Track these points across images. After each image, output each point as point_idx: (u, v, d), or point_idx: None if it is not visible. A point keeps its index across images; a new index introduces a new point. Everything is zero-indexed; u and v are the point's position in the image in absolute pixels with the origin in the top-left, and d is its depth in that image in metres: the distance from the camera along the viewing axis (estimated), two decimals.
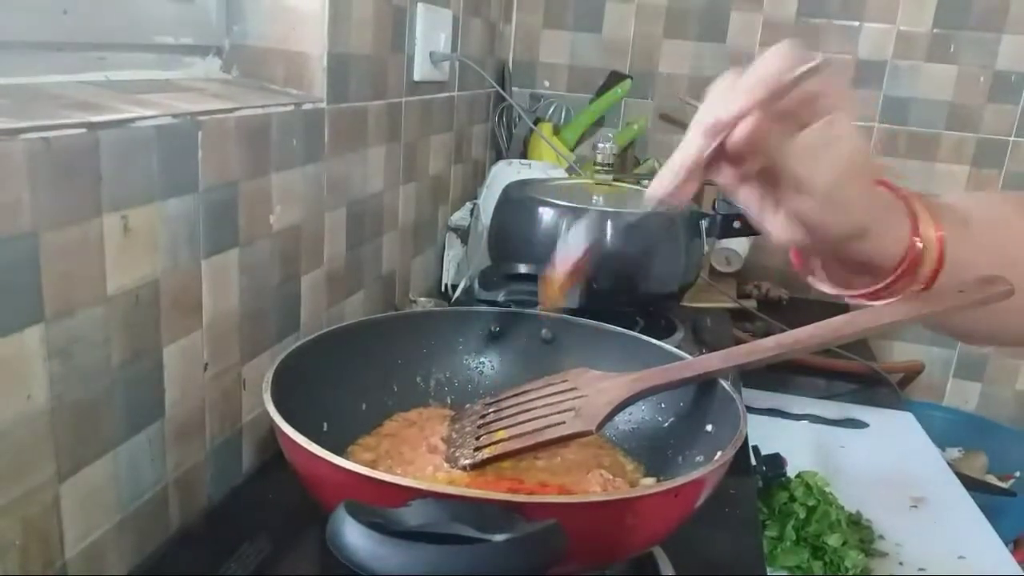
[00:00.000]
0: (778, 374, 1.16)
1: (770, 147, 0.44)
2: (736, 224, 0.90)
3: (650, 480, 0.60)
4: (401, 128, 0.99)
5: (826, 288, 0.55)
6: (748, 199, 0.48)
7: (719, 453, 0.48)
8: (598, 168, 0.99)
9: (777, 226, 0.47)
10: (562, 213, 0.87)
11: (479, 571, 0.36)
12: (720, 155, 0.45)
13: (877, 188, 0.49)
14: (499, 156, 1.44)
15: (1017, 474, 1.34)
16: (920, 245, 0.49)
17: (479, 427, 0.58)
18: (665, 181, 0.47)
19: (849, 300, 0.55)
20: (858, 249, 0.49)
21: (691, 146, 0.46)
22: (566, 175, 1.18)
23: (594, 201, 0.93)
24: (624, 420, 0.65)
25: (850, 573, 0.78)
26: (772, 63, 0.43)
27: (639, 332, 0.69)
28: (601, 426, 0.54)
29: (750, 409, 0.57)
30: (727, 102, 0.44)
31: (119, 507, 0.56)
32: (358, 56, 0.83)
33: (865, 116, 1.46)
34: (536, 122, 1.41)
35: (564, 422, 0.54)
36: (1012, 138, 1.42)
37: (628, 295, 0.89)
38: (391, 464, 0.57)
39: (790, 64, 0.42)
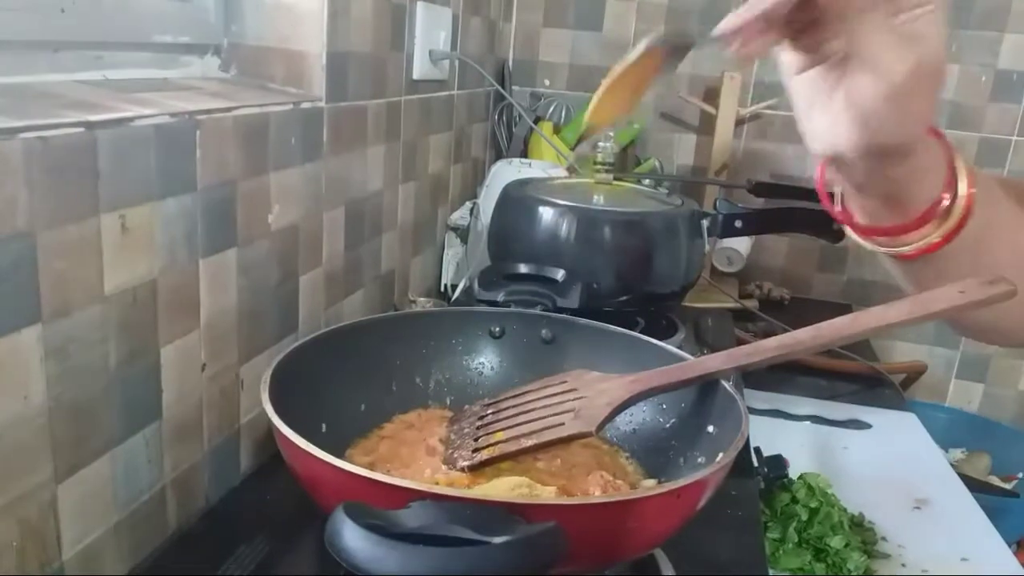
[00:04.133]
0: (780, 375, 1.16)
1: (862, 21, 0.41)
2: (738, 223, 0.90)
3: (651, 481, 0.60)
4: (400, 127, 0.98)
5: (841, 215, 0.53)
6: (800, 87, 0.45)
7: (721, 454, 0.48)
8: (598, 167, 0.98)
9: (824, 124, 0.44)
10: (562, 213, 0.87)
11: (478, 573, 0.36)
12: (798, 22, 0.42)
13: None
14: (499, 155, 1.44)
15: (1020, 475, 1.34)
16: (949, 198, 0.49)
17: (478, 428, 0.58)
18: (740, 19, 0.42)
19: (861, 238, 0.53)
20: (894, 172, 0.47)
21: None
22: (566, 174, 1.18)
23: (595, 200, 0.92)
24: (625, 421, 0.64)
25: (852, 575, 0.78)
26: None
27: (640, 332, 0.69)
28: (601, 427, 0.54)
29: (752, 410, 0.57)
30: None
31: (116, 508, 0.56)
32: (357, 55, 0.83)
33: None
34: (536, 121, 1.41)
35: (563, 423, 0.54)
36: (1014, 137, 1.42)
37: (629, 295, 0.88)
38: (389, 467, 0.57)
39: None
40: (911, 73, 0.42)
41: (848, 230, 0.54)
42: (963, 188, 0.49)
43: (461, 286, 1.09)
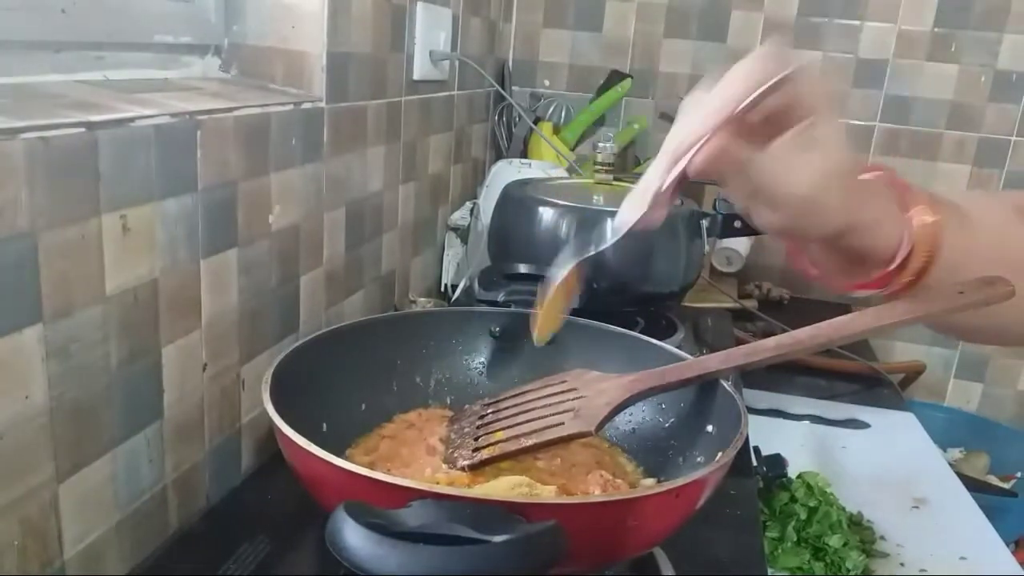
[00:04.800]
0: (779, 374, 1.16)
1: (738, 163, 0.43)
2: (737, 223, 0.90)
3: (651, 481, 0.60)
4: (400, 127, 0.98)
5: (818, 278, 0.54)
6: (734, 194, 0.47)
7: (720, 454, 0.48)
8: (598, 168, 0.98)
9: (764, 221, 0.47)
10: (562, 213, 0.87)
11: (478, 572, 0.36)
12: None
13: (864, 182, 0.48)
14: (499, 155, 1.44)
15: (1018, 475, 1.34)
16: (910, 238, 0.48)
17: (478, 428, 0.58)
18: (633, 210, 0.47)
19: (843, 291, 0.54)
20: (846, 244, 0.48)
21: (655, 173, 0.45)
22: (566, 175, 1.18)
23: (594, 201, 0.93)
24: (624, 421, 0.65)
25: (851, 574, 0.78)
26: (736, 82, 0.42)
27: (640, 332, 0.69)
28: (600, 427, 0.54)
29: (751, 409, 0.57)
30: (687, 126, 0.43)
31: (118, 508, 0.56)
32: (357, 55, 0.83)
33: (866, 116, 1.46)
34: (536, 121, 1.41)
35: (563, 423, 0.54)
36: (1013, 137, 1.42)
37: (629, 295, 0.88)
38: (389, 466, 0.57)
39: (756, 81, 0.41)
40: (805, 191, 0.43)
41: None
42: (925, 219, 0.48)
43: (461, 286, 1.09)
